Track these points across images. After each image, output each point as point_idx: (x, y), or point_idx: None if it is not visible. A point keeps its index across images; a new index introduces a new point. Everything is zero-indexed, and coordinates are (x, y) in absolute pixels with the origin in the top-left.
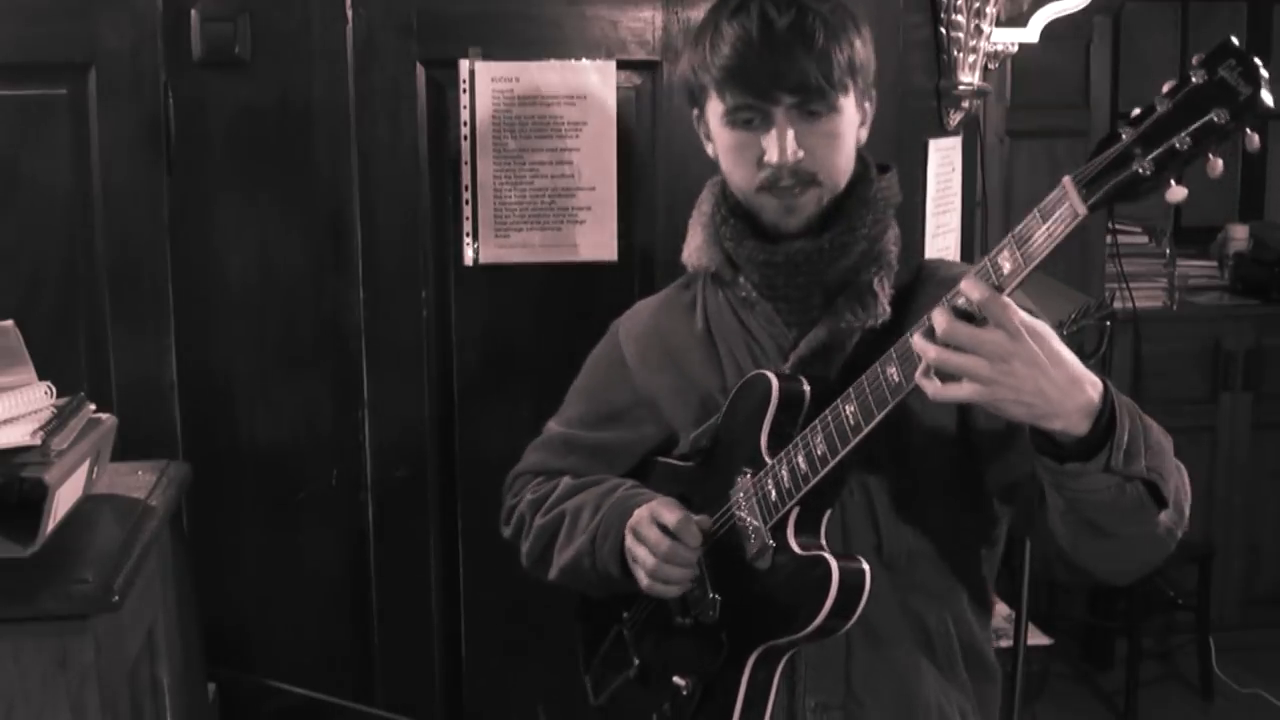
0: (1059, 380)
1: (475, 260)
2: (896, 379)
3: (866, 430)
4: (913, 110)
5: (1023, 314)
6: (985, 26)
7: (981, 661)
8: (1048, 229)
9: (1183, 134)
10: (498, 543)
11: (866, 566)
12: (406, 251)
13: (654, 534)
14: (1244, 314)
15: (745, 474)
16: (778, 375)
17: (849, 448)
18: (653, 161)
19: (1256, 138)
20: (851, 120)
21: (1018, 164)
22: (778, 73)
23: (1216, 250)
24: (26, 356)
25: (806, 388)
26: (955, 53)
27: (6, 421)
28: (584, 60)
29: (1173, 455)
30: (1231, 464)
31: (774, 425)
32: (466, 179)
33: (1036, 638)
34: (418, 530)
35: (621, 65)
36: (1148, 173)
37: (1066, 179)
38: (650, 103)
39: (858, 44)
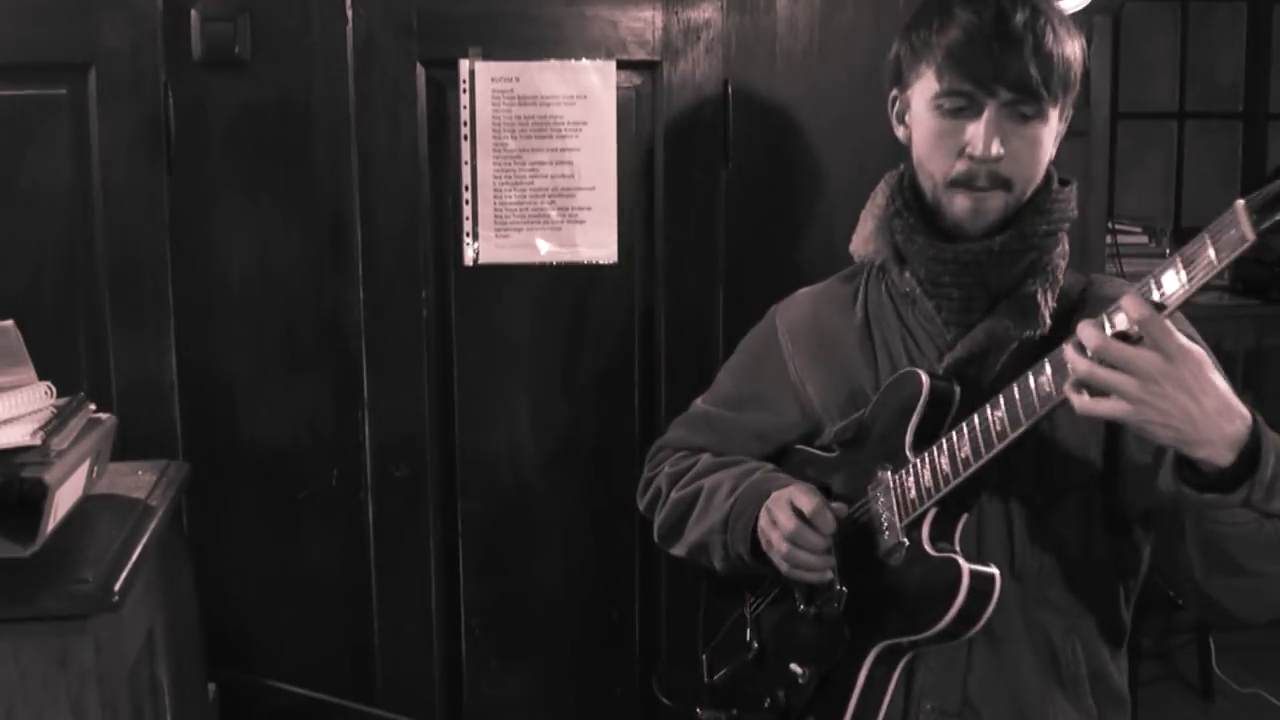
0: (1208, 407)
1: (475, 260)
2: (1047, 389)
3: (1013, 437)
4: None
5: (1180, 337)
6: None
7: (1110, 690)
8: (1215, 252)
9: None
10: (498, 543)
11: (997, 573)
12: (406, 251)
13: (786, 516)
14: (1244, 314)
15: (886, 469)
16: (930, 374)
17: (993, 453)
18: (652, 161)
19: None
20: (1053, 131)
21: None
22: (1003, 65)
23: None
24: (26, 356)
25: (957, 389)
26: None
27: (6, 421)
28: (584, 60)
29: None
30: None
31: (920, 424)
32: (466, 179)
33: None
34: (418, 530)
35: (621, 65)
36: None
37: (1239, 203)
38: (650, 103)
39: (1077, 58)
